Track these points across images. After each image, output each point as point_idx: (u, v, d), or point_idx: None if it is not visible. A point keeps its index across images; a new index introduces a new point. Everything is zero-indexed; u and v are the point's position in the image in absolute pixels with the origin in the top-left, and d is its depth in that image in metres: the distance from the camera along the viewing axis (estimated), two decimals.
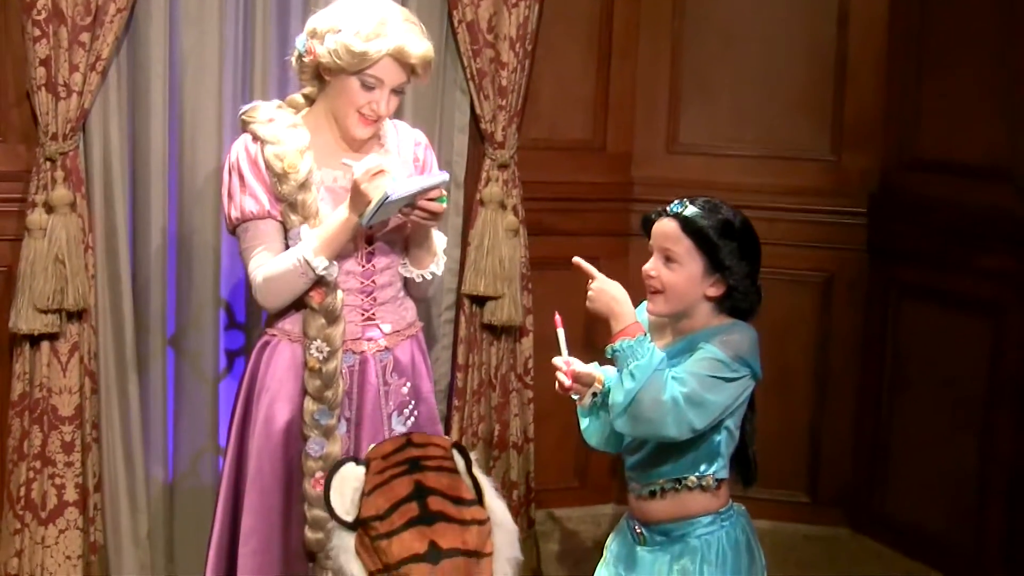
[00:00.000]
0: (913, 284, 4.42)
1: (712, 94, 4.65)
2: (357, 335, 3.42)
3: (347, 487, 2.53)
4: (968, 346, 4.14)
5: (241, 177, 3.35)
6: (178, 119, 4.03)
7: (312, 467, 3.36)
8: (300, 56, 3.40)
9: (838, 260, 4.58)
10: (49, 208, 3.78)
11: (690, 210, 2.98)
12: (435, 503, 2.47)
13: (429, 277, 3.54)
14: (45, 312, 3.78)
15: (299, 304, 3.37)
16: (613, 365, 3.11)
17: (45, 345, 3.85)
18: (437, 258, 3.55)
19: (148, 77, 3.94)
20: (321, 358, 3.34)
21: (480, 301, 4.31)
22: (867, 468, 4.58)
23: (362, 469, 2.56)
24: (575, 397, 3.18)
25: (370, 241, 3.44)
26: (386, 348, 3.47)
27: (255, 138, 3.36)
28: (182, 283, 4.09)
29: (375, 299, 3.44)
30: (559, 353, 3.18)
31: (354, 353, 3.42)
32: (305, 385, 3.37)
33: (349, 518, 2.51)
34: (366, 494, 2.50)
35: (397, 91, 3.34)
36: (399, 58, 3.26)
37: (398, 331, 3.50)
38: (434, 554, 2.42)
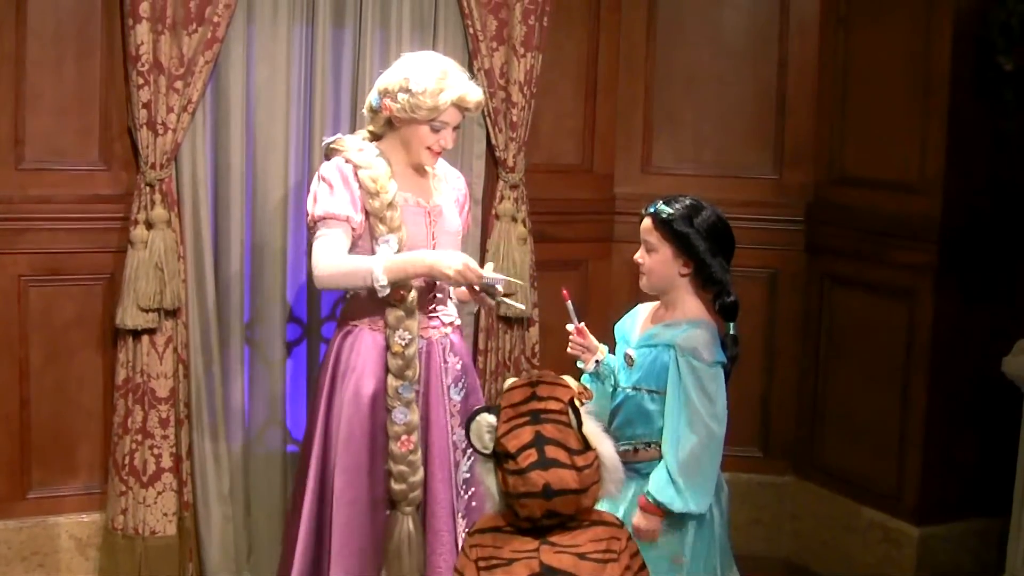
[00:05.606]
0: (842, 276, 4.55)
1: (678, 125, 4.77)
2: (425, 325, 3.57)
3: (482, 430, 2.76)
4: (888, 325, 4.32)
5: (331, 186, 3.46)
6: (252, 150, 4.10)
7: (398, 431, 3.49)
8: (373, 109, 3.56)
9: (781, 258, 4.71)
10: (149, 225, 3.90)
11: (660, 207, 3.17)
12: (551, 451, 2.67)
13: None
14: (147, 311, 3.89)
15: (377, 301, 3.46)
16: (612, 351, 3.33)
17: (145, 338, 3.94)
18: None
19: (229, 116, 4.03)
20: (403, 344, 3.48)
21: None
22: (808, 426, 4.71)
23: (493, 418, 2.76)
24: (580, 364, 3.33)
25: None
26: (445, 335, 3.63)
27: (347, 161, 3.50)
28: (255, 285, 4.16)
29: (436, 297, 3.60)
30: (570, 321, 3.34)
31: (423, 339, 3.57)
32: (388, 365, 3.49)
33: (487, 451, 2.75)
34: (500, 436, 2.73)
35: (456, 127, 3.54)
36: (460, 105, 3.46)
37: (451, 322, 3.66)
38: (548, 492, 2.65)
